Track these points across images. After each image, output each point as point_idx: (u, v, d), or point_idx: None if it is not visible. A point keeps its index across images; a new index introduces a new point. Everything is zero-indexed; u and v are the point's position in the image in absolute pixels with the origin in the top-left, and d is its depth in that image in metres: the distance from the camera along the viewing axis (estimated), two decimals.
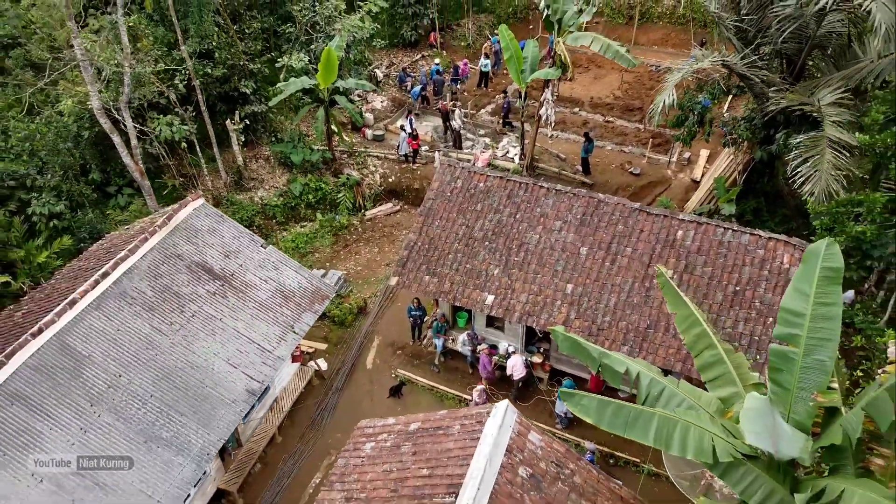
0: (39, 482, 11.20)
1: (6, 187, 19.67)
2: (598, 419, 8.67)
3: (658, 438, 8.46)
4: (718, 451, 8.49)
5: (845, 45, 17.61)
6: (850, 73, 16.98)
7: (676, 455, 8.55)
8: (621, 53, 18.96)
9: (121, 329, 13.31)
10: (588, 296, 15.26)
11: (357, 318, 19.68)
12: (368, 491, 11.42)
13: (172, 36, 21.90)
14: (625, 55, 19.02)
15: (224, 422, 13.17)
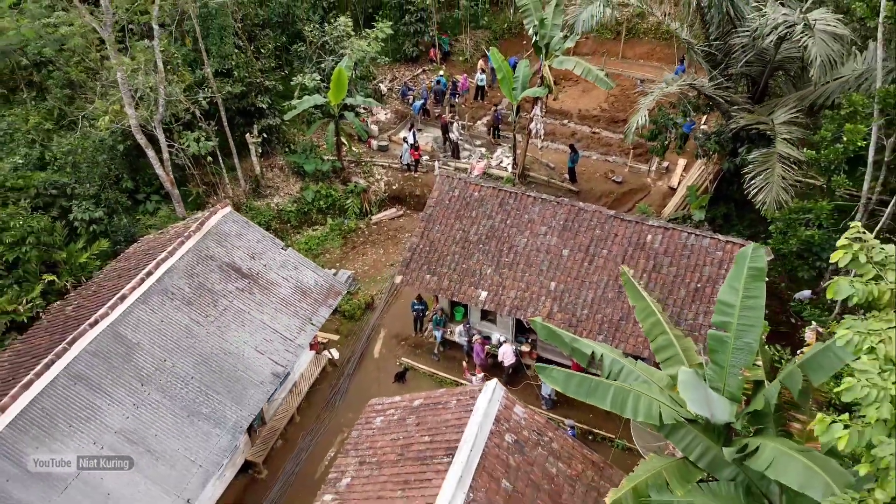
0: (100, 450, 13.12)
1: (49, 195, 21.63)
2: (565, 388, 10.59)
3: (614, 404, 10.38)
4: (664, 416, 10.38)
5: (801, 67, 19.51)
6: (804, 94, 18.86)
7: (629, 417, 10.45)
8: (600, 77, 20.88)
9: (164, 320, 15.23)
10: (569, 292, 17.16)
11: (365, 313, 21.60)
12: (379, 456, 13.33)
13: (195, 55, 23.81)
14: (603, 79, 20.94)
15: (253, 400, 15.09)
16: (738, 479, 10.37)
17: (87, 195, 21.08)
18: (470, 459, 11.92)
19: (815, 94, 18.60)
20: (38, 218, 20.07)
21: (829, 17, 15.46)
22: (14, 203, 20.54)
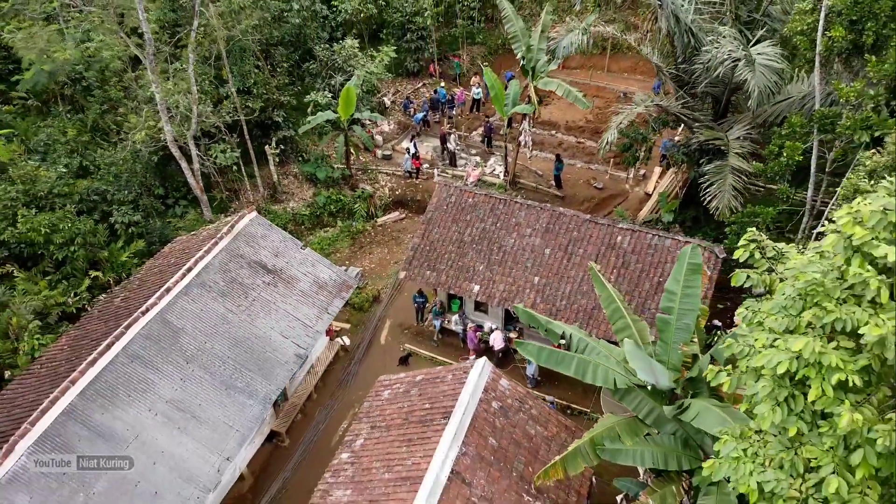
0: (155, 416, 15.46)
1: (91, 201, 23.95)
2: (538, 358, 12.98)
3: (577, 371, 12.74)
4: (618, 382, 12.74)
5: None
6: (758, 113, 21.24)
7: (590, 382, 12.80)
8: (579, 98, 23.26)
9: (203, 309, 17.57)
10: (550, 285, 19.51)
11: (372, 305, 23.95)
12: (387, 421, 15.69)
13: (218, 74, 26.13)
14: (581, 99, 23.31)
15: (279, 377, 17.44)
16: (677, 434, 12.74)
17: (126, 201, 23.43)
18: (462, 421, 14.31)
19: (767, 113, 20.97)
20: (84, 221, 22.43)
21: (770, 51, 17.83)
22: (61, 208, 22.92)
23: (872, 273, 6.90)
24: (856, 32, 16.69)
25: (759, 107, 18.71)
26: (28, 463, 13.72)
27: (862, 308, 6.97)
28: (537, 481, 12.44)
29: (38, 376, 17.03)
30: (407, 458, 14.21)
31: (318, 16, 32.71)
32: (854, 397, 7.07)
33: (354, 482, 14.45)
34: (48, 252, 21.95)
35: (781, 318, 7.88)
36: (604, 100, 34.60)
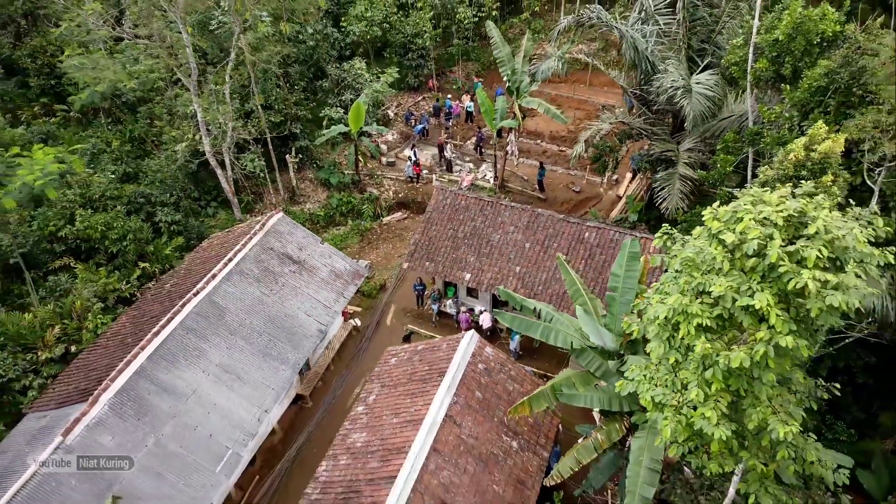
0: (208, 376, 18.79)
1: (137, 203, 27.24)
2: (511, 324, 16.33)
3: (542, 335, 16.06)
4: (574, 343, 16.09)
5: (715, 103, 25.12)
6: (706, 128, 24.54)
7: (552, 344, 16.11)
8: (557, 114, 26.62)
9: (243, 292, 20.89)
10: (529, 274, 22.85)
11: (379, 292, 27.25)
12: (394, 380, 19.03)
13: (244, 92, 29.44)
14: (559, 115, 26.67)
15: (305, 347, 20.77)
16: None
17: (169, 203, 26.75)
18: (454, 378, 17.67)
19: (714, 128, 24.28)
20: (134, 220, 25.75)
21: (707, 80, 21.18)
22: (112, 209, 26.23)
23: (720, 251, 10.24)
24: (777, 65, 20.03)
25: (694, 127, 22.03)
26: (109, 408, 17.05)
27: (714, 275, 10.31)
28: (510, 414, 15.79)
29: (106, 346, 20.37)
30: (410, 407, 17.56)
31: (329, 38, 36.03)
32: (711, 335, 10.40)
33: (368, 427, 17.81)
34: (103, 246, 25.26)
35: (669, 284, 11.23)
36: (584, 111, 37.94)
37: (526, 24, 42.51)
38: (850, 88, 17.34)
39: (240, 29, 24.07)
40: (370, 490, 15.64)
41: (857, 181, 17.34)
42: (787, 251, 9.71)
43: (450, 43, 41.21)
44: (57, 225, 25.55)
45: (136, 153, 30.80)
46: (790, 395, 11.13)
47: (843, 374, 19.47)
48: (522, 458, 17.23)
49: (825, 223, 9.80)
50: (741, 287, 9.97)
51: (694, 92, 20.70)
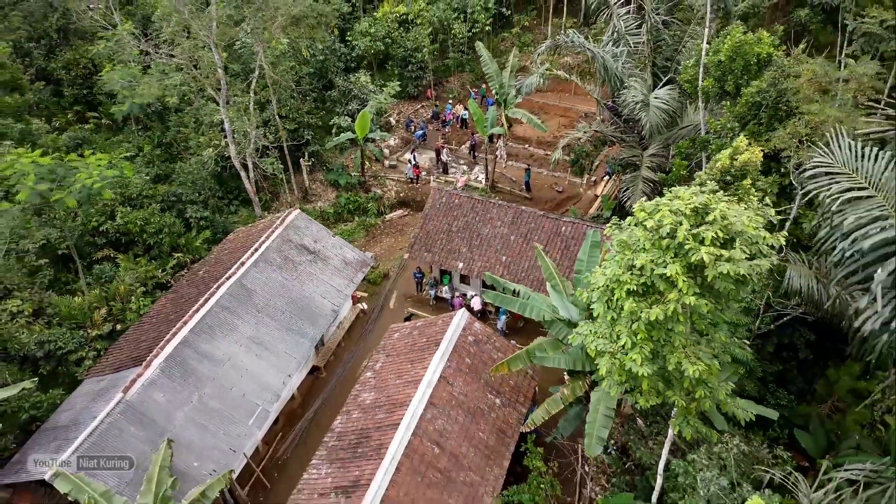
0: (240, 346, 21.93)
1: (170, 201, 30.36)
2: (495, 300, 19.52)
3: (520, 309, 19.21)
4: (545, 316, 19.24)
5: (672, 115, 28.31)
6: (668, 136, 27.69)
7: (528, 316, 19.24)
8: (538, 124, 29.78)
9: (267, 277, 24.04)
10: (513, 262, 25.99)
11: (383, 280, 30.39)
12: (397, 350, 22.16)
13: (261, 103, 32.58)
14: (539, 124, 29.82)
15: (321, 324, 23.91)
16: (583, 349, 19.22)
17: (198, 201, 29.90)
18: (448, 347, 20.81)
19: (675, 135, 27.44)
20: (168, 216, 28.90)
21: (664, 95, 24.35)
22: (148, 206, 29.37)
23: (644, 234, 13.40)
24: (721, 82, 23.20)
25: (656, 135, 25.20)
26: (159, 371, 20.19)
27: (639, 252, 13.48)
28: (492, 372, 18.98)
29: (151, 323, 23.53)
30: (411, 371, 20.72)
31: (336, 52, 39.18)
32: (637, 298, 13.56)
33: (376, 388, 20.97)
34: (141, 239, 28.42)
35: (610, 260, 14.40)
36: (568, 118, 41.07)
37: (516, 38, 45.70)
38: (777, 105, 20.53)
39: (262, 50, 27.25)
40: (378, 435, 18.80)
41: (786, 182, 20.55)
42: (692, 233, 12.89)
43: (446, 56, 44.36)
44: (99, 220, 28.67)
45: (165, 157, 33.97)
46: (706, 347, 14.30)
47: (788, 349, 22.40)
48: (504, 412, 20.40)
49: (722, 212, 12.98)
50: (658, 260, 13.14)
51: (652, 106, 23.90)
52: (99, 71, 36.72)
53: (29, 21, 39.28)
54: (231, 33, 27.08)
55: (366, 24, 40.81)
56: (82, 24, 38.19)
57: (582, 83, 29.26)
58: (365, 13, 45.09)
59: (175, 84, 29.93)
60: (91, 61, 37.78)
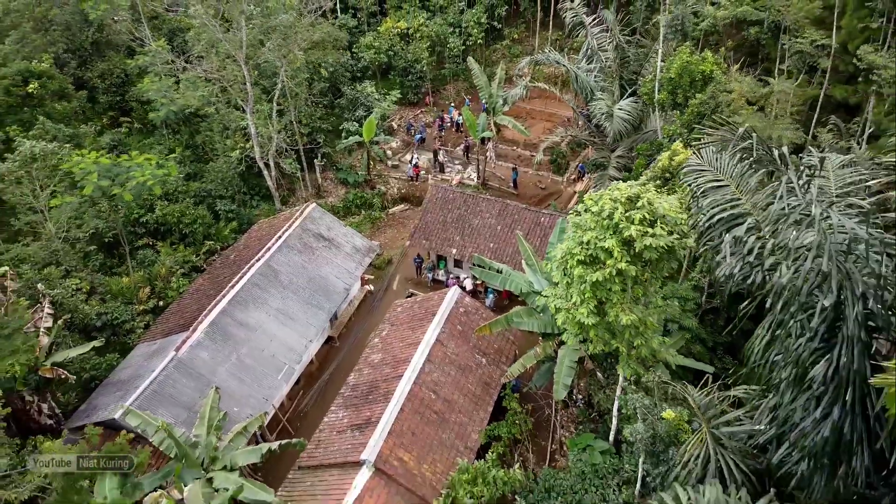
0: (269, 316, 25.83)
1: (200, 196, 34.22)
2: (481, 276, 23.44)
3: (501, 283, 23.12)
4: (522, 288, 23.14)
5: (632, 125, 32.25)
6: (632, 140, 31.60)
7: (509, 290, 23.14)
8: (521, 129, 33.70)
9: (290, 260, 27.93)
10: (500, 248, 29.89)
11: (387, 266, 34.28)
12: (400, 320, 26.06)
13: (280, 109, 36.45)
14: (522, 129, 33.74)
15: (335, 300, 27.80)
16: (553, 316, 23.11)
17: (226, 196, 33.79)
18: (442, 316, 24.71)
19: (638, 140, 31.38)
20: (200, 209, 32.78)
21: (626, 106, 28.27)
22: (182, 201, 33.23)
23: (590, 217, 17.32)
24: (673, 95, 27.15)
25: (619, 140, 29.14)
26: (203, 334, 24.08)
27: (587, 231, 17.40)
28: (476, 333, 22.91)
29: (192, 298, 27.41)
30: (412, 335, 24.63)
31: (345, 64, 43.05)
32: (584, 266, 17.47)
33: (382, 350, 24.88)
34: (178, 229, 32.30)
35: (567, 238, 18.34)
36: (552, 123, 44.89)
37: (507, 50, 49.59)
38: (714, 114, 24.48)
39: (283, 66, 31.16)
40: (385, 385, 22.72)
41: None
42: (625, 216, 16.80)
43: (443, 66, 48.22)
44: (140, 213, 32.54)
45: (193, 158, 37.80)
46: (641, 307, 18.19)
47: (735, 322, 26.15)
48: (488, 369, 24.32)
49: (648, 199, 16.88)
50: (600, 236, 17.07)
51: (615, 116, 27.83)
52: (131, 80, 40.61)
53: (66, 35, 43.05)
54: (258, 53, 30.95)
55: (370, 37, 44.70)
56: (114, 37, 42.04)
57: (560, 93, 33.17)
58: (369, 27, 48.95)
59: (204, 95, 33.79)
60: (123, 71, 41.59)
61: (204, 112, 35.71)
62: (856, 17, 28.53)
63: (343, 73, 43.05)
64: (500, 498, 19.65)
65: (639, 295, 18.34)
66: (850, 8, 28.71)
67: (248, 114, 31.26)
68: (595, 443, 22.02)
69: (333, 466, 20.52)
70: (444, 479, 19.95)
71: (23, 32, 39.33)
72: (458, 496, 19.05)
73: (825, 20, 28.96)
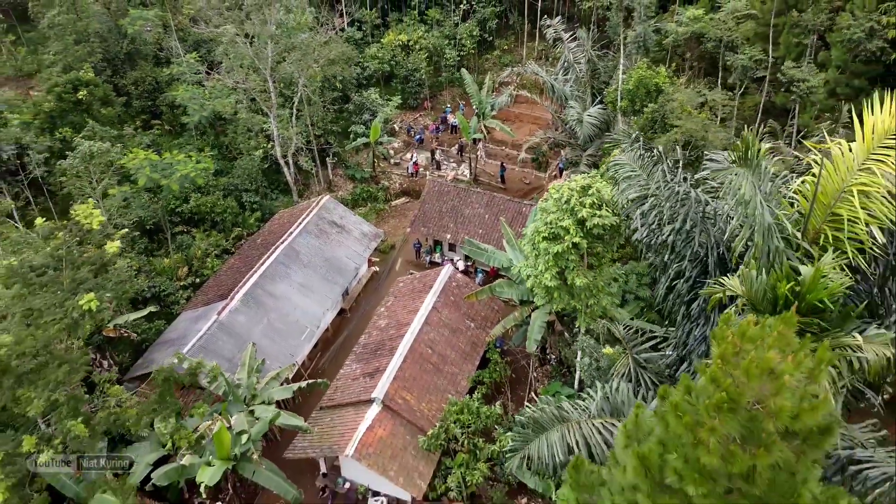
0: (293, 288, 30.23)
1: (228, 190, 38.50)
2: (470, 253, 27.89)
3: (487, 259, 27.56)
4: (503, 263, 27.56)
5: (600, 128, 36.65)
6: (601, 141, 35.94)
7: (493, 265, 27.53)
8: (507, 130, 38.06)
9: (308, 243, 32.30)
10: (487, 234, 34.26)
11: (390, 250, 38.66)
12: (403, 293, 30.46)
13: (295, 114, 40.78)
14: (508, 131, 38.11)
15: (346, 277, 32.21)
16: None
17: (251, 189, 38.13)
18: (438, 288, 29.12)
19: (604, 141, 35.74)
20: (229, 200, 37.13)
21: (595, 112, 32.65)
22: (213, 193, 37.54)
23: (553, 201, 21.74)
24: (632, 103, 31.56)
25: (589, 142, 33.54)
26: (239, 303, 28.46)
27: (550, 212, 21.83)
28: (465, 299, 27.34)
29: (227, 274, 31.78)
30: (411, 304, 29.04)
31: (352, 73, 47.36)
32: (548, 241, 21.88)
33: (388, 316, 29.28)
34: (210, 217, 36.62)
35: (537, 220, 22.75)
36: (538, 125, 49.15)
37: (497, 59, 53.93)
38: (663, 120, 28.91)
39: (302, 79, 35.55)
40: (390, 342, 27.13)
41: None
42: (579, 201, 21.22)
43: (440, 74, 52.53)
44: (176, 204, 36.84)
45: (219, 156, 42.07)
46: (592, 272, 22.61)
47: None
48: (476, 332, 28.75)
49: (597, 188, 21.31)
50: (560, 217, 21.49)
51: (584, 121, 32.23)
52: (160, 87, 44.85)
53: (102, 46, 47.25)
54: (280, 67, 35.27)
55: (374, 49, 49.02)
56: (143, 48, 46.29)
57: (540, 99, 37.52)
58: (373, 38, 53.25)
59: (231, 102, 38.11)
60: (154, 79, 45.83)
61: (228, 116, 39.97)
62: (791, 34, 33.05)
63: (351, 81, 47.35)
64: (483, 429, 24.10)
65: (594, 264, 22.80)
66: (786, 27, 33.21)
67: (271, 118, 35.61)
68: (563, 389, 26.48)
69: (349, 405, 24.95)
70: (439, 414, 24.40)
71: (65, 44, 43.50)
72: (449, 426, 23.50)
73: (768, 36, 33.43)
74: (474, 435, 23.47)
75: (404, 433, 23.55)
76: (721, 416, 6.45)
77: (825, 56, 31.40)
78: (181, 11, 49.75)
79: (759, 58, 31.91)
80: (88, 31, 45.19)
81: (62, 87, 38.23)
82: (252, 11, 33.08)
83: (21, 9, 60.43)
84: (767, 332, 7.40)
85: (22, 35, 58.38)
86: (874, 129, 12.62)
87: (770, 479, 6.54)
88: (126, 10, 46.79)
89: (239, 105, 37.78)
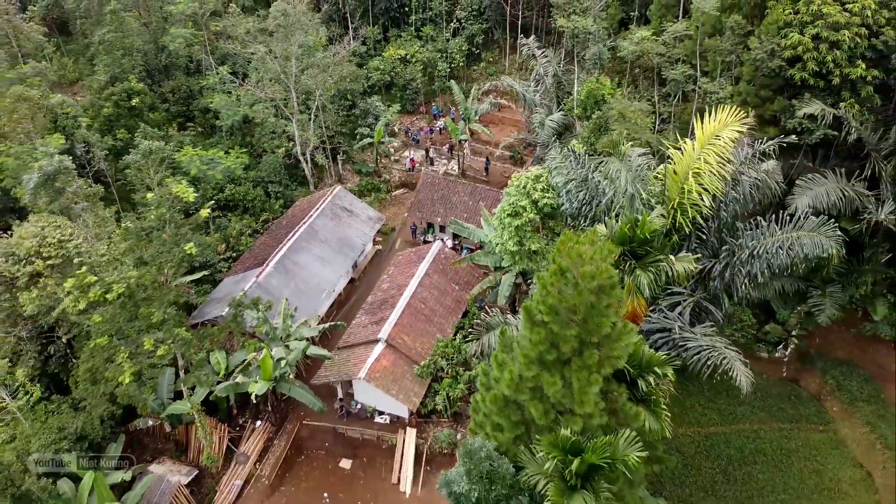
0: (313, 258, 36.71)
1: (257, 181, 44.89)
2: (455, 229, 34.42)
3: (468, 234, 34.06)
4: (482, 238, 34.07)
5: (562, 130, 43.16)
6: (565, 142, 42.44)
7: (475, 240, 34.03)
8: (487, 133, 44.53)
9: (325, 224, 38.76)
10: (470, 216, 40.66)
11: (391, 232, 45.12)
12: (401, 264, 37.00)
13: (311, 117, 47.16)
14: (488, 133, 44.56)
15: (356, 251, 38.70)
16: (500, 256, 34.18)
17: (275, 181, 44.57)
18: (430, 259, 35.68)
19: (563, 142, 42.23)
20: (258, 190, 43.58)
21: (558, 117, 39.15)
22: (244, 184, 43.96)
23: (515, 188, 28.27)
24: (584, 111, 38.02)
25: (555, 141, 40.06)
26: (273, 269, 34.94)
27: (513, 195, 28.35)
28: (451, 266, 33.91)
29: (260, 248, 38.24)
30: (409, 271, 35.55)
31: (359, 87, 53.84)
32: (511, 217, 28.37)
33: (390, 281, 35.81)
34: (242, 205, 43.07)
35: (503, 201, 29.31)
36: (518, 127, 55.59)
37: (484, 70, 60.35)
38: (606, 125, 35.41)
39: (320, 90, 42.00)
40: (392, 299, 33.65)
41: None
42: (534, 186, 27.74)
43: (433, 83, 58.93)
44: (213, 193, 43.23)
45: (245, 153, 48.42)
46: (544, 240, 29.19)
47: None
48: (460, 293, 35.29)
49: (546, 177, 27.84)
50: (520, 199, 28.03)
51: (546, 125, 38.74)
52: (193, 95, 51.16)
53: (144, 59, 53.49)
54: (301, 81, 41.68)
55: (377, 61, 55.44)
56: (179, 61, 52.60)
57: (515, 106, 43.97)
58: (376, 52, 59.62)
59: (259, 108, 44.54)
60: (188, 87, 52.14)
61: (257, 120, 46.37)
62: (717, 54, 39.55)
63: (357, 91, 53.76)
64: (463, 361, 30.69)
65: (549, 235, 29.30)
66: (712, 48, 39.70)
67: (293, 122, 42.02)
68: None
69: (360, 344, 31.50)
70: (430, 350, 30.98)
71: (114, 57, 49.77)
72: (437, 359, 30.08)
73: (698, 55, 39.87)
74: (457, 365, 30.05)
75: (403, 364, 30.13)
76: (557, 278, 12.90)
77: (739, 71, 37.90)
78: (210, 28, 56.05)
79: (689, 73, 38.40)
80: (133, 46, 51.45)
81: (118, 96, 44.52)
82: (279, 34, 39.47)
83: (61, 21, 66.88)
84: (596, 245, 13.88)
85: (62, 46, 64.71)
86: (705, 132, 19.25)
87: (585, 312, 13.00)
88: (164, 28, 53.02)
89: (266, 111, 44.17)
